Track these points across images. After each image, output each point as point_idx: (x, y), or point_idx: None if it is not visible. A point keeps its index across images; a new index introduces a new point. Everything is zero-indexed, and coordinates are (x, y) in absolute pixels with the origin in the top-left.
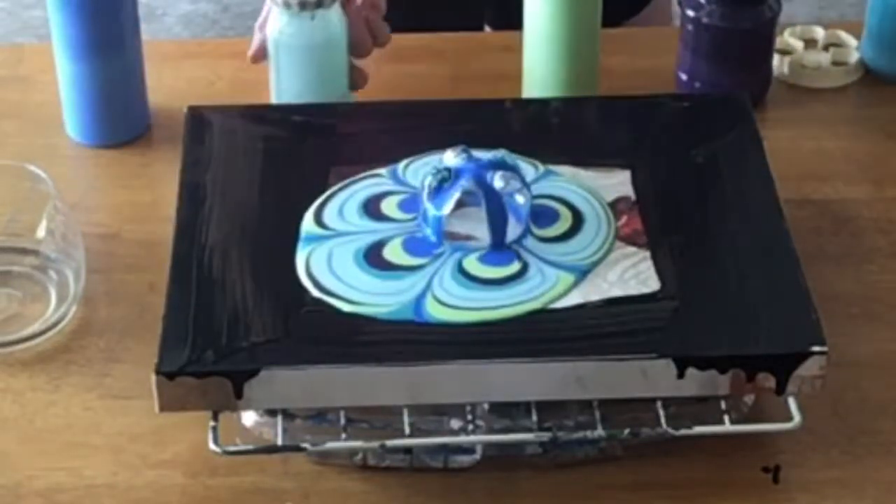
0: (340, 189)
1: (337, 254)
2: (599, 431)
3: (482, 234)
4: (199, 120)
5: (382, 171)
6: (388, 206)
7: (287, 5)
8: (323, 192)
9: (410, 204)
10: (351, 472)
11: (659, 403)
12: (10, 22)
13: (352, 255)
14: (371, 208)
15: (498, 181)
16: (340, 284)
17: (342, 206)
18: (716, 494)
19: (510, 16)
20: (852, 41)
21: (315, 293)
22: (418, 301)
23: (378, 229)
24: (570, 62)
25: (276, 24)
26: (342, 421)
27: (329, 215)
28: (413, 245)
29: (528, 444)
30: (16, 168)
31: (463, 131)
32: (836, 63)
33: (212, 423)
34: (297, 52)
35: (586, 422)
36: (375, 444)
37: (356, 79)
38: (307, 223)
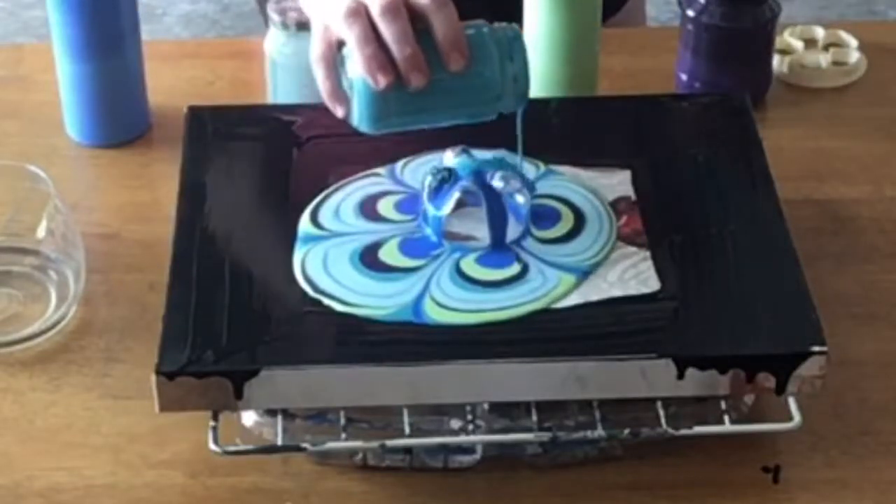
0: (337, 189)
1: (332, 255)
2: (599, 431)
3: (482, 234)
4: (199, 120)
5: (381, 170)
6: (385, 207)
7: (285, 25)
8: (322, 191)
9: (407, 205)
10: (351, 472)
11: (659, 403)
12: (10, 22)
13: (347, 257)
14: (367, 209)
15: (498, 181)
16: (336, 286)
17: (338, 206)
18: (716, 494)
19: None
20: (852, 41)
21: (313, 294)
22: (417, 303)
23: (374, 230)
24: (570, 62)
25: (274, 44)
26: (342, 421)
27: (325, 216)
28: (409, 247)
29: (528, 444)
30: (16, 168)
31: (463, 131)
32: (836, 63)
33: (212, 423)
34: (295, 73)
35: (586, 422)
36: (375, 444)
37: None
38: (304, 223)
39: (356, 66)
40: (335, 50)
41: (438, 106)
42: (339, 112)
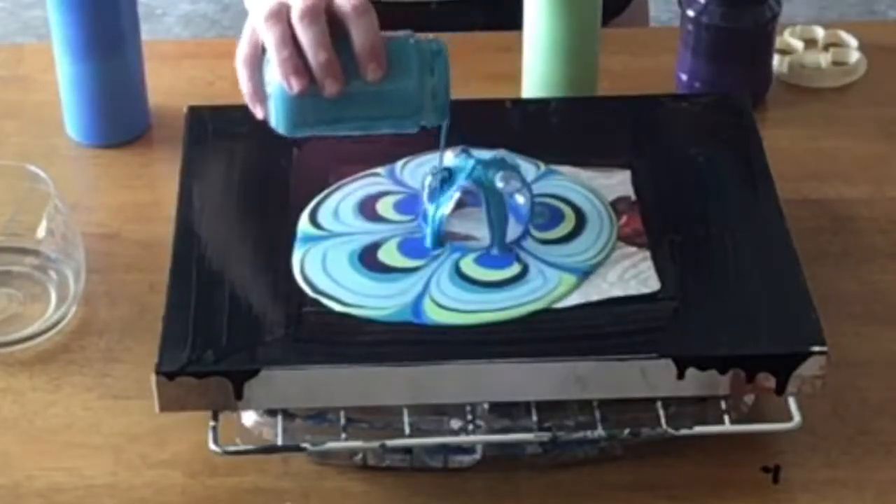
0: (336, 189)
1: (331, 255)
2: (599, 431)
3: (482, 234)
4: (199, 120)
5: (380, 170)
6: (384, 207)
7: None
8: (322, 191)
9: (406, 205)
10: (351, 472)
11: (659, 403)
12: (10, 22)
13: (346, 257)
14: (366, 209)
15: (498, 181)
16: (335, 286)
17: (338, 206)
18: (716, 494)
19: (500, 19)
20: (852, 41)
21: (312, 294)
22: (416, 304)
23: (373, 230)
24: (570, 62)
25: None
26: (342, 421)
27: (324, 216)
28: (409, 247)
29: (528, 444)
30: (16, 168)
31: (463, 131)
32: (836, 63)
33: (212, 423)
34: None
35: (586, 422)
36: (375, 444)
37: None
38: (303, 224)
39: (273, 70)
40: (259, 52)
41: (356, 115)
42: (259, 113)
